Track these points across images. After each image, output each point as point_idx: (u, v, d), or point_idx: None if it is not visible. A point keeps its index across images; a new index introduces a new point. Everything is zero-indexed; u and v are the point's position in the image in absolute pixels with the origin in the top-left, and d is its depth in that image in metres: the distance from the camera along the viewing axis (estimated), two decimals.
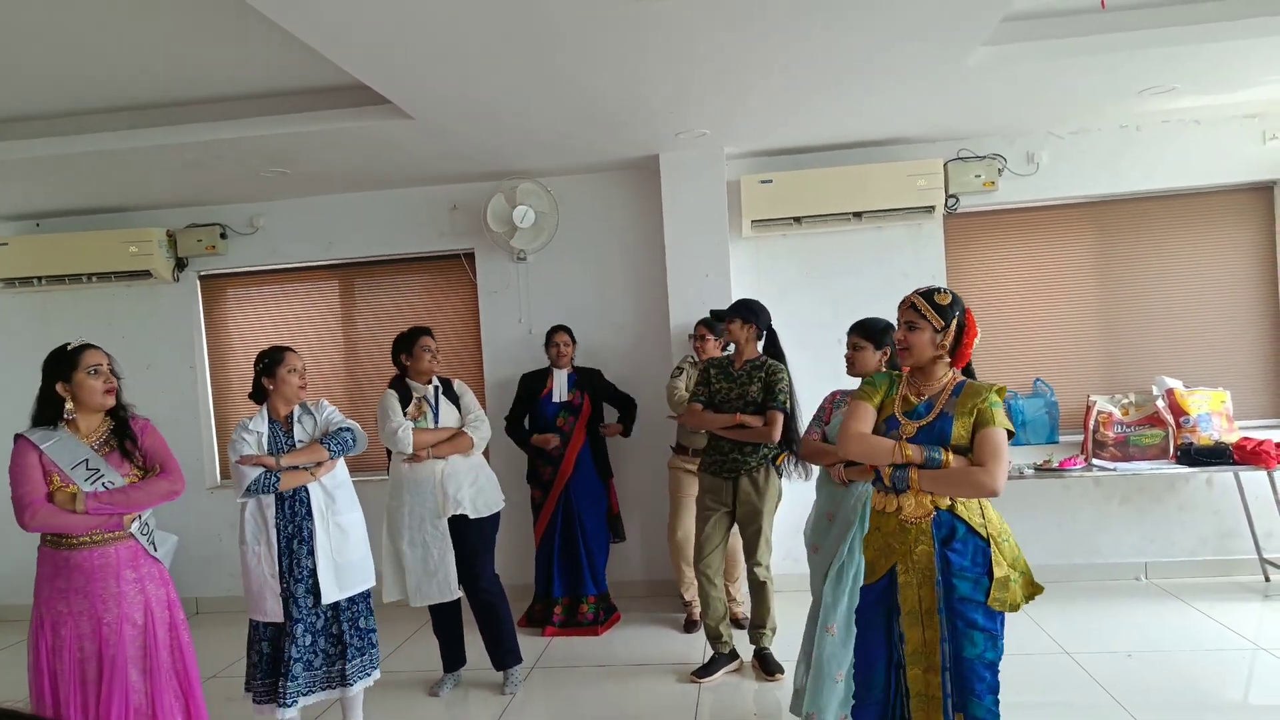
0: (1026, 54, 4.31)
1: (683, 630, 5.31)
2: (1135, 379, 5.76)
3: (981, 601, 2.72)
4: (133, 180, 5.59)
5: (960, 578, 2.72)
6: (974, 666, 2.71)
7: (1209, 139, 5.60)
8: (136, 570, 3.18)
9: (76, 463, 3.12)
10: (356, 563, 3.89)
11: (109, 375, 3.21)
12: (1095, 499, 5.74)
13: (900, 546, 2.81)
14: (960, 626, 2.72)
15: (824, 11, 3.57)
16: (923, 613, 2.78)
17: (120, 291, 6.47)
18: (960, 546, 2.74)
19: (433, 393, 4.54)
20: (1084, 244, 5.86)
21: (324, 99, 4.70)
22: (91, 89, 4.49)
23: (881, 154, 5.79)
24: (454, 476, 4.43)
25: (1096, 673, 4.27)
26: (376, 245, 6.32)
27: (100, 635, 3.09)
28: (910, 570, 2.79)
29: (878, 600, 2.90)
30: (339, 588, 3.80)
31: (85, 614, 3.09)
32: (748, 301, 4.50)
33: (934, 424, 2.80)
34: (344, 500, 3.89)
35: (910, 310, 2.88)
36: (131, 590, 3.15)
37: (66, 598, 3.10)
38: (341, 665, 3.83)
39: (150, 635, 3.17)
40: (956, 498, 2.76)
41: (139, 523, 3.20)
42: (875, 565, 2.91)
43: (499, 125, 4.89)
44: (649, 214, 5.99)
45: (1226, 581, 5.52)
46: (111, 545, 3.13)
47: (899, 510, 2.82)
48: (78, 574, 3.09)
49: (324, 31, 3.49)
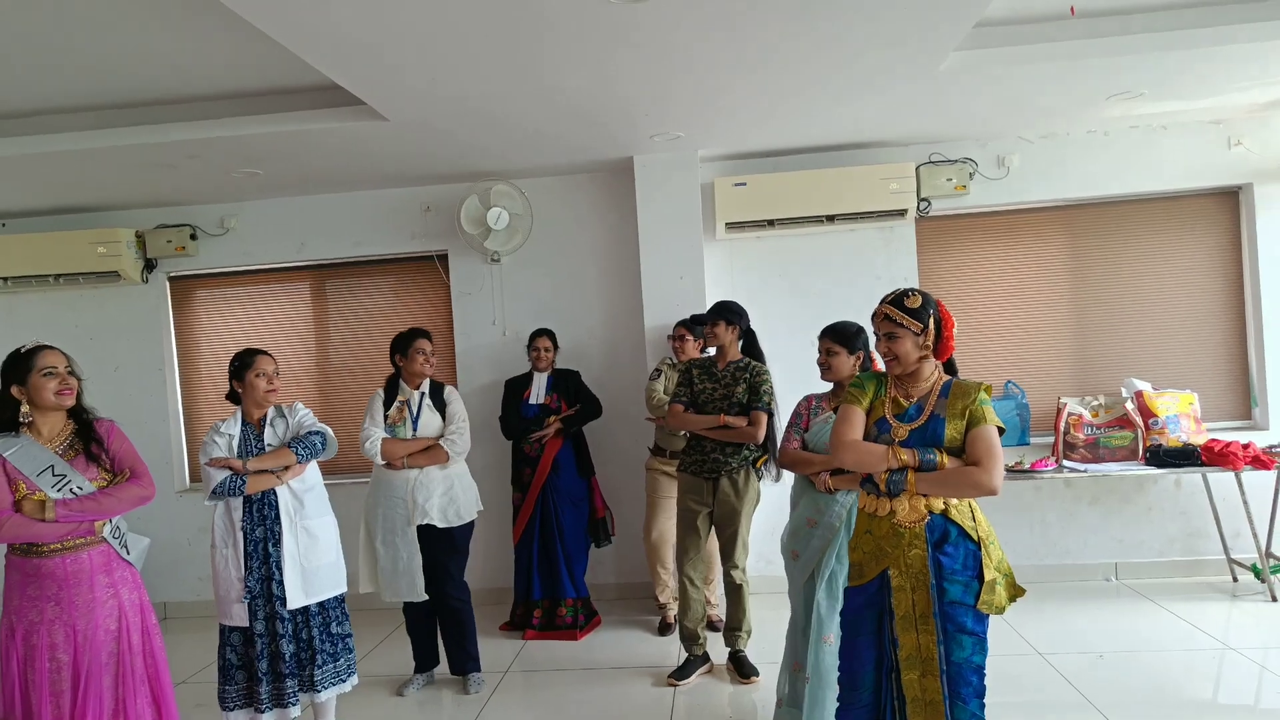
0: (998, 59, 4.34)
1: (657, 633, 5.31)
2: (1105, 381, 5.82)
3: (971, 605, 2.72)
4: (101, 180, 5.52)
5: (951, 581, 2.72)
6: (961, 670, 2.71)
7: (1176, 144, 5.67)
8: (110, 575, 3.13)
9: (42, 469, 3.05)
10: (325, 568, 3.83)
11: (65, 377, 3.14)
12: (1066, 500, 5.79)
13: (894, 550, 2.79)
14: (950, 630, 2.72)
15: (799, 17, 3.58)
16: (917, 617, 2.76)
17: (88, 293, 6.38)
18: (952, 550, 2.74)
19: (417, 399, 4.51)
20: (1054, 247, 5.92)
21: (297, 99, 4.66)
22: (60, 87, 4.43)
23: (854, 157, 5.82)
24: (424, 486, 4.43)
25: (1069, 673, 4.31)
26: (349, 246, 6.27)
27: (74, 643, 3.03)
28: (904, 574, 2.77)
29: (868, 603, 2.87)
30: (305, 593, 3.74)
31: (58, 622, 3.03)
32: (730, 303, 4.50)
33: (926, 426, 2.79)
34: (313, 505, 3.84)
35: (886, 321, 2.85)
36: (105, 596, 3.10)
37: (39, 606, 3.04)
38: (310, 670, 3.76)
39: (124, 641, 3.12)
40: (954, 499, 2.76)
41: (110, 526, 3.15)
42: (864, 568, 2.88)
43: (473, 127, 4.87)
44: (623, 216, 5.99)
45: (1195, 581, 5.59)
46: (84, 551, 3.09)
47: (892, 514, 2.79)
48: (49, 582, 3.04)
49: (298, 31, 3.46)
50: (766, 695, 4.20)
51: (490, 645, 5.12)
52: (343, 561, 3.95)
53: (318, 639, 3.78)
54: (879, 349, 2.91)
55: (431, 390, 4.59)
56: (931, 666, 2.73)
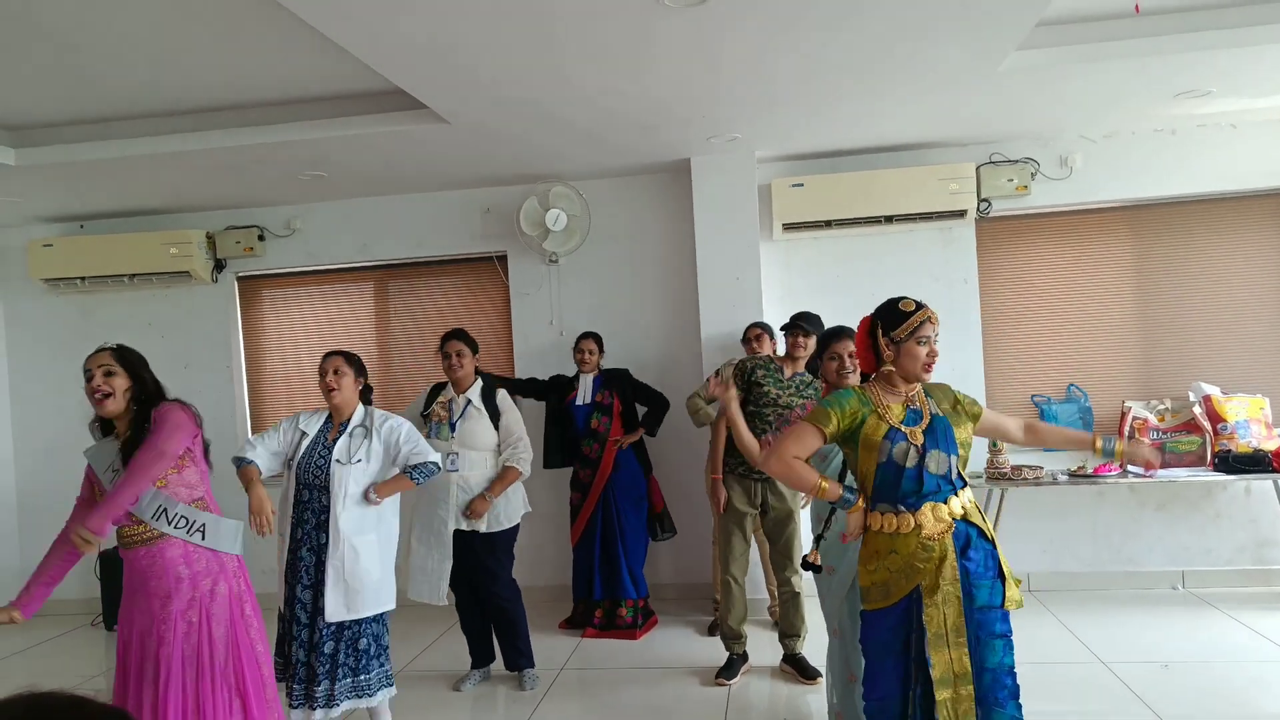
0: (1060, 58, 4.29)
1: (707, 633, 5.32)
2: (1171, 385, 5.69)
3: (998, 606, 2.70)
4: (173, 183, 5.70)
5: (978, 586, 2.69)
6: (997, 675, 2.68)
7: (1245, 143, 5.53)
8: (190, 566, 3.06)
9: (106, 467, 3.08)
10: (370, 586, 3.71)
11: (99, 380, 3.03)
12: (1130, 506, 5.68)
13: (925, 565, 2.68)
14: (982, 637, 2.67)
15: (857, 16, 3.58)
16: (949, 631, 2.66)
17: (160, 292, 6.59)
18: (975, 554, 2.71)
19: (462, 402, 4.52)
20: (1118, 248, 5.81)
21: (361, 104, 4.77)
22: (134, 94, 4.59)
23: (913, 158, 5.77)
24: (465, 492, 4.44)
25: (1133, 683, 4.22)
26: (411, 247, 6.39)
27: (156, 634, 3.01)
28: (936, 589, 2.67)
29: (896, 624, 2.75)
30: (347, 608, 3.67)
31: (144, 612, 3.04)
32: (816, 317, 4.48)
33: (932, 425, 2.76)
34: (358, 521, 3.72)
35: (931, 325, 2.80)
36: (183, 588, 3.04)
37: (130, 597, 3.08)
38: (329, 685, 3.68)
39: (203, 634, 3.04)
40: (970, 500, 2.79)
41: (168, 516, 3.02)
42: (891, 587, 2.74)
43: (531, 130, 4.94)
44: (680, 217, 6.01)
45: (1265, 591, 5.44)
46: (157, 543, 3.04)
47: (918, 529, 2.69)
48: (135, 574, 3.06)
49: (363, 37, 3.55)
50: (820, 697, 4.19)
51: (548, 643, 5.17)
52: (391, 578, 3.84)
53: (343, 653, 3.71)
54: (926, 356, 2.78)
55: (484, 392, 4.57)
56: (964, 679, 2.66)
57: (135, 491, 2.95)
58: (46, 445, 6.55)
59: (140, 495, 2.99)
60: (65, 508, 3.18)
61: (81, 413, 6.68)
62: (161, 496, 3.05)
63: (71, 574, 3.15)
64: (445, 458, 4.35)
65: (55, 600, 6.29)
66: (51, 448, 6.47)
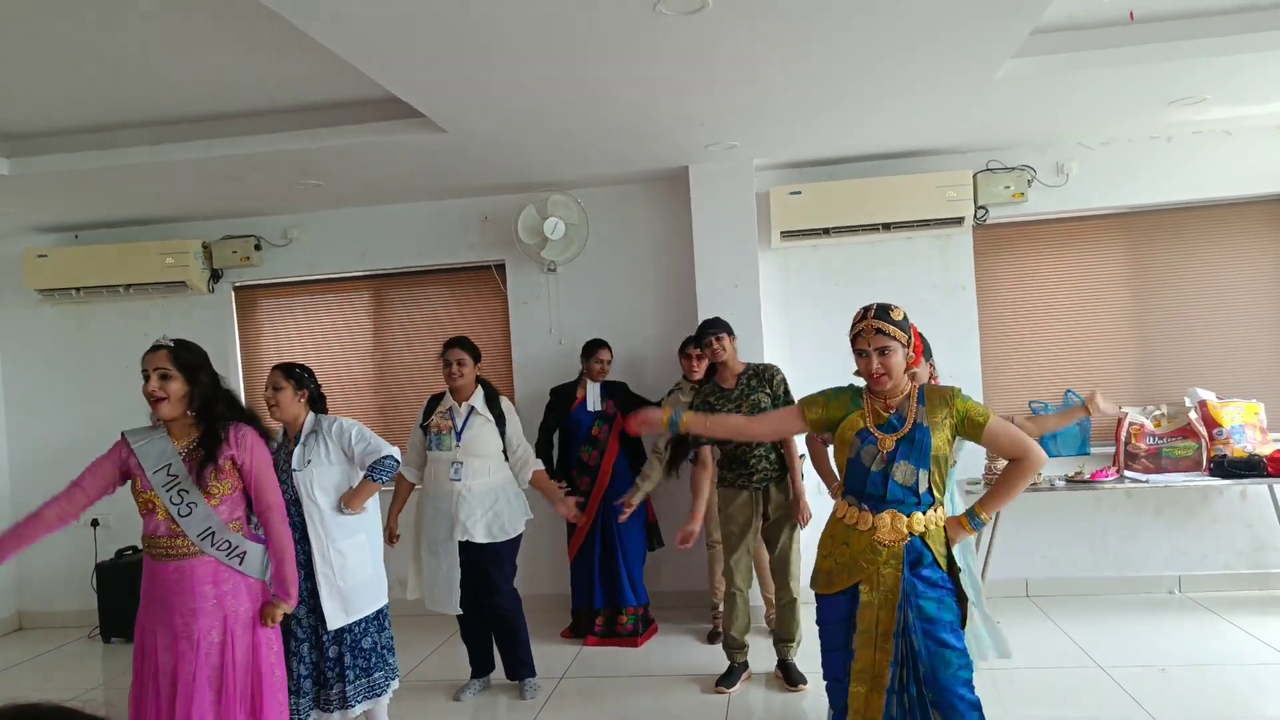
0: (1055, 66, 4.30)
1: (706, 641, 5.32)
2: (1167, 390, 5.71)
3: (949, 620, 2.74)
4: (169, 193, 5.68)
5: (925, 598, 2.73)
6: (953, 686, 2.71)
7: (1241, 149, 5.56)
8: (217, 586, 3.00)
9: (159, 466, 2.97)
10: (361, 585, 3.83)
11: (155, 382, 3.00)
12: (1127, 511, 5.69)
13: (868, 566, 2.78)
14: (932, 647, 2.72)
15: (853, 25, 3.59)
16: (878, 634, 2.75)
17: (156, 302, 6.57)
18: (925, 573, 2.76)
19: (464, 410, 4.51)
20: (1115, 255, 5.83)
21: (359, 113, 4.76)
22: (129, 103, 4.58)
23: (910, 165, 5.79)
24: (468, 501, 4.43)
25: (1130, 687, 4.24)
26: (408, 256, 6.39)
27: (176, 650, 2.95)
28: (874, 590, 2.77)
29: (843, 617, 2.84)
30: (345, 612, 3.76)
31: (165, 627, 2.97)
32: (718, 318, 4.54)
33: (913, 435, 2.78)
34: (341, 527, 3.82)
35: (878, 335, 2.78)
36: (209, 606, 2.98)
37: (151, 609, 3.01)
38: (340, 688, 3.77)
39: (228, 654, 2.99)
40: (936, 523, 2.81)
41: (214, 540, 2.99)
42: (834, 577, 2.85)
43: (529, 138, 4.94)
44: (678, 225, 6.02)
45: (1262, 595, 5.47)
46: (189, 560, 2.97)
47: (873, 530, 2.78)
48: (159, 585, 2.99)
49: (358, 45, 3.54)
50: (814, 703, 4.20)
51: (549, 651, 5.17)
52: (382, 573, 3.96)
53: (348, 656, 3.79)
54: (867, 367, 2.81)
55: (487, 399, 4.58)
56: (880, 684, 2.72)
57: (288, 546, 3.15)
58: (41, 455, 6.51)
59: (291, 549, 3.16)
60: None
61: (76, 423, 6.65)
62: (214, 519, 3.00)
63: (68, 586, 3.12)
64: (450, 466, 4.39)
65: (53, 613, 6.35)
66: (46, 458, 6.42)
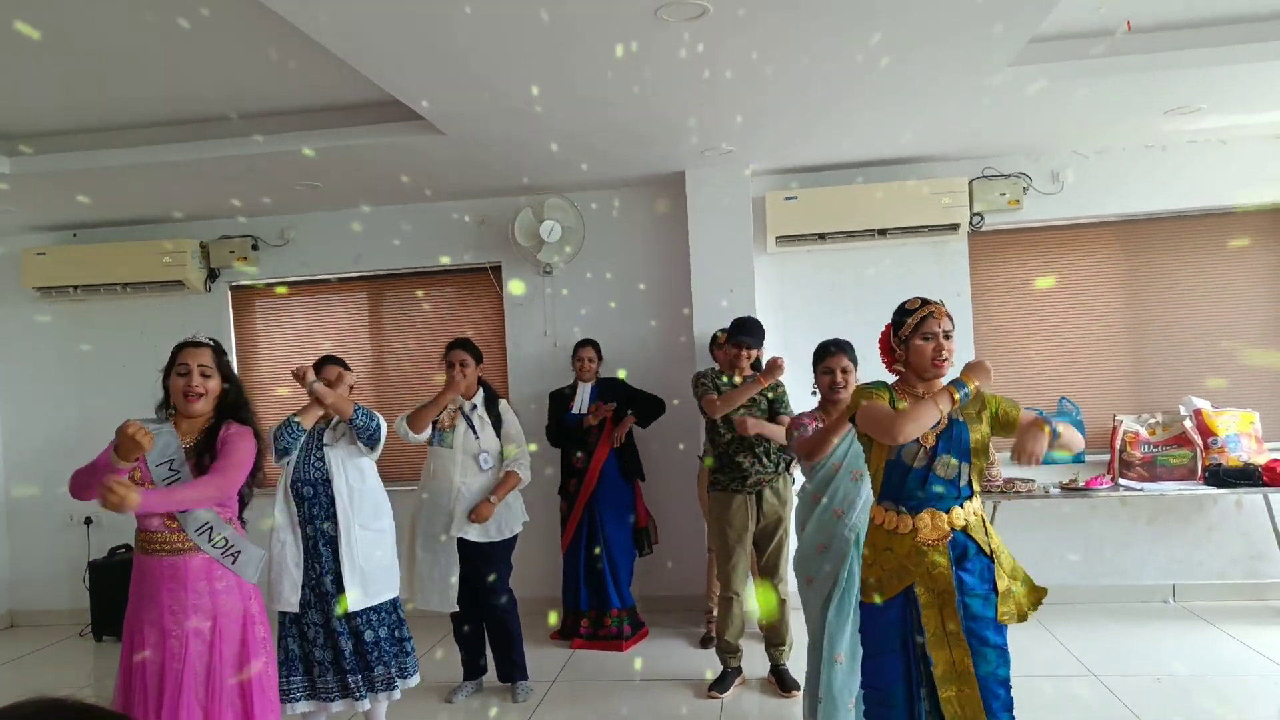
0: (1052, 74, 4.31)
1: (699, 645, 5.32)
2: (1162, 399, 5.72)
3: (991, 618, 2.73)
4: (167, 192, 5.69)
5: (972, 596, 2.73)
6: (988, 684, 2.71)
7: (1235, 159, 5.57)
8: (210, 583, 2.95)
9: (162, 460, 2.95)
10: (382, 570, 3.92)
11: (197, 378, 2.98)
12: (1121, 519, 5.69)
13: (916, 568, 2.77)
14: (974, 645, 2.72)
15: (850, 32, 3.60)
16: (947, 634, 2.74)
17: (153, 301, 6.58)
18: (971, 565, 2.76)
19: (468, 409, 4.56)
20: (1110, 263, 5.84)
21: (357, 115, 4.78)
22: (128, 104, 4.59)
23: (906, 172, 5.80)
24: (466, 499, 4.46)
25: (1124, 696, 4.23)
26: (405, 258, 6.39)
27: (166, 648, 2.90)
28: (930, 591, 2.76)
29: (892, 622, 2.84)
30: (365, 594, 3.83)
31: (154, 624, 2.92)
32: (756, 323, 4.59)
33: (950, 430, 2.78)
34: (370, 509, 3.94)
35: (948, 320, 2.83)
36: (200, 603, 2.93)
37: (140, 603, 2.96)
38: (356, 678, 3.82)
39: (216, 652, 2.95)
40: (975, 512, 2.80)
41: (211, 536, 2.95)
42: (885, 585, 2.84)
43: (527, 142, 4.95)
44: (674, 229, 6.03)
45: (1256, 605, 5.47)
46: (182, 555, 2.93)
47: (915, 532, 2.78)
48: (150, 581, 2.93)
49: (357, 46, 3.56)
50: None
51: (540, 654, 5.17)
52: (398, 566, 4.05)
53: (384, 641, 3.89)
54: (934, 352, 2.79)
55: (486, 400, 4.62)
56: (969, 680, 2.72)
57: (196, 502, 2.86)
58: (37, 454, 6.51)
59: (196, 508, 2.92)
60: (57, 513, 3.12)
61: (72, 420, 6.65)
62: (211, 514, 2.97)
63: (60, 584, 3.10)
64: (478, 458, 4.51)
65: (43, 610, 6.34)
66: (42, 456, 6.43)
